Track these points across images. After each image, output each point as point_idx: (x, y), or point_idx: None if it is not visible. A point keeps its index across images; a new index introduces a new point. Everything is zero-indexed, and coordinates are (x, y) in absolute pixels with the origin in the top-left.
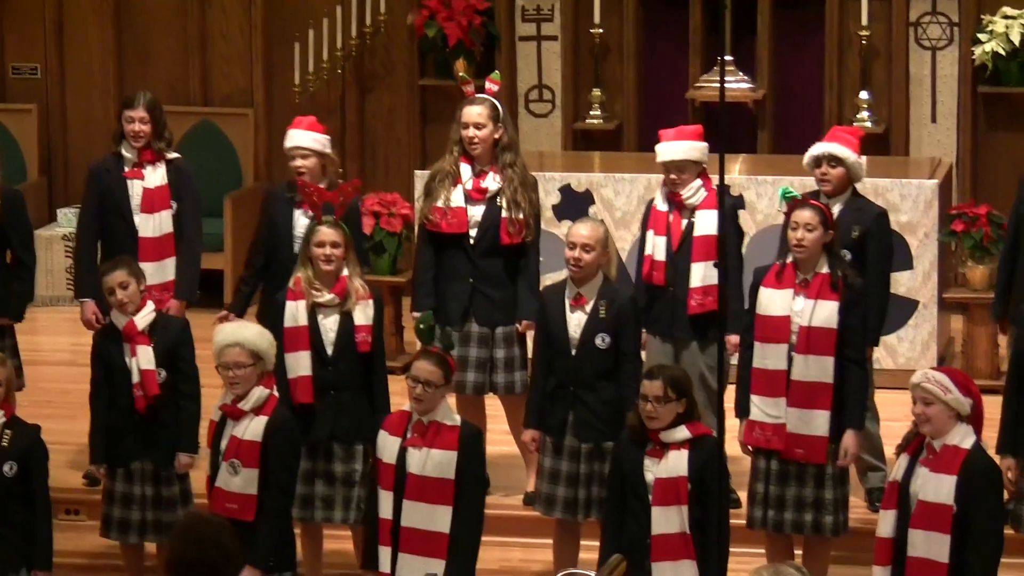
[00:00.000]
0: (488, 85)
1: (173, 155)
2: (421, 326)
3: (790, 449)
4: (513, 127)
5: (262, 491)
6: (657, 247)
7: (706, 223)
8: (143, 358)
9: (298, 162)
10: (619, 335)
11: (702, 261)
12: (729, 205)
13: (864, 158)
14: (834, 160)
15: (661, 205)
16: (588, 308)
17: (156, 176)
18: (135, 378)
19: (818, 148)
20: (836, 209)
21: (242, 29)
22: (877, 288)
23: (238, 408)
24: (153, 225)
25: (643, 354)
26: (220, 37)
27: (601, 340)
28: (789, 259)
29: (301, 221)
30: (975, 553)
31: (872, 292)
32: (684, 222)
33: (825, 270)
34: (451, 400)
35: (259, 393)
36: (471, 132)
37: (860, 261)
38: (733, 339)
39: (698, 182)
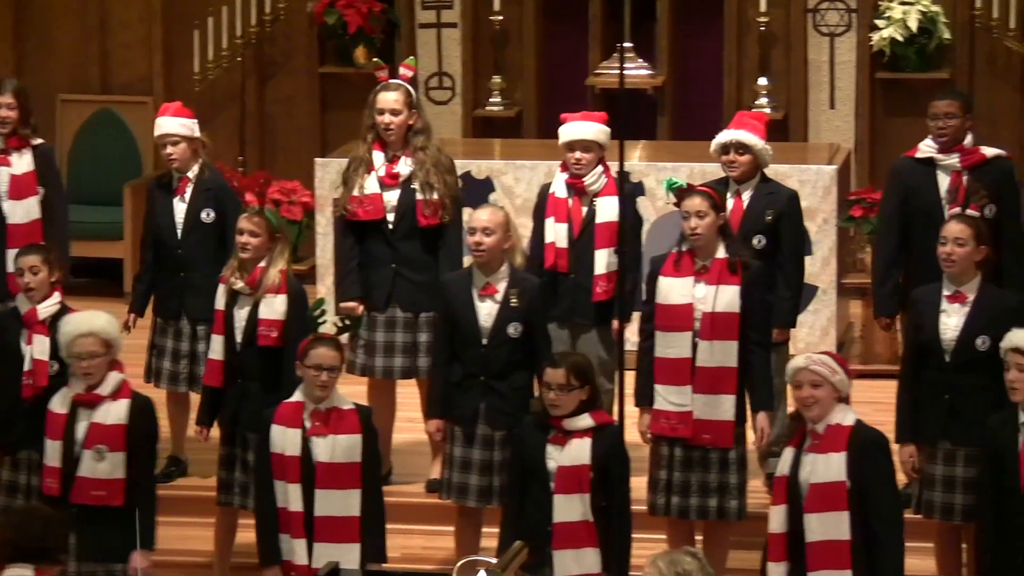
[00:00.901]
0: (402, 71)
1: (38, 141)
2: (314, 313)
3: (698, 435)
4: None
5: (131, 473)
6: (558, 234)
7: (607, 210)
8: (38, 347)
9: (168, 149)
10: (531, 323)
11: (605, 248)
12: (628, 192)
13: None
14: (741, 147)
15: (560, 192)
16: (499, 297)
17: (23, 162)
18: (27, 366)
19: (725, 135)
20: (747, 195)
21: (141, 17)
22: (793, 269)
23: (96, 395)
24: (21, 212)
25: None
26: (120, 25)
27: (514, 329)
28: (685, 247)
29: (179, 207)
30: (881, 521)
31: (788, 273)
32: (585, 209)
33: (722, 254)
34: (349, 386)
35: (115, 377)
36: (386, 118)
37: (775, 244)
38: (616, 324)
39: (599, 168)
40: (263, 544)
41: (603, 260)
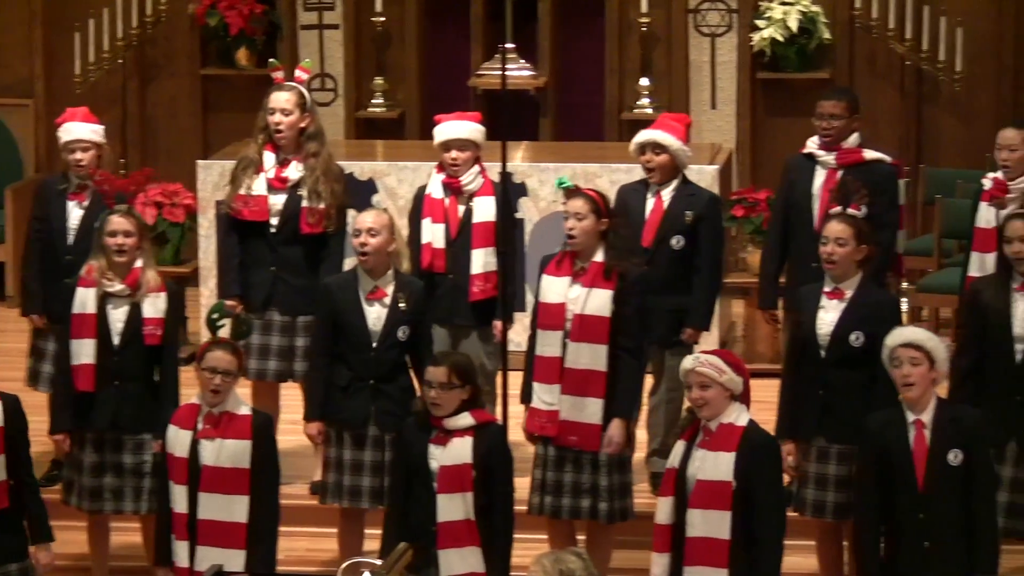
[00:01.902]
0: (298, 73)
1: None
2: (213, 316)
3: (563, 436)
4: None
5: (13, 473)
6: (436, 235)
7: (484, 210)
8: None
9: (79, 155)
10: (417, 325)
11: (482, 248)
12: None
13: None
14: (657, 147)
15: (437, 192)
16: (387, 301)
17: None
18: None
19: (642, 135)
20: (667, 196)
21: (21, 19)
22: (710, 272)
23: None
24: None
25: None
26: (0, 27)
27: (403, 332)
28: (569, 247)
29: (75, 212)
30: (763, 526)
31: (704, 276)
32: (462, 209)
33: (600, 258)
34: (243, 388)
35: None
36: (277, 118)
37: (693, 246)
38: (499, 325)
39: (476, 168)
40: (157, 544)
41: (480, 260)
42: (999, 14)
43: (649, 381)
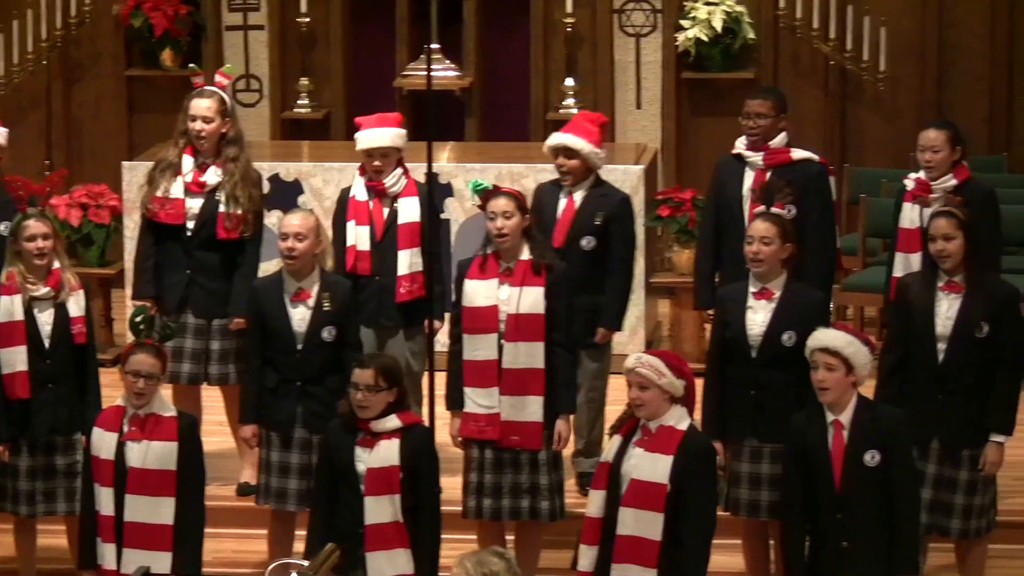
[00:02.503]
0: (218, 78)
1: None
2: (136, 319)
3: (506, 437)
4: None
5: None
6: (360, 237)
7: (409, 210)
8: None
9: None
10: (343, 326)
11: (408, 248)
12: (428, 192)
13: (602, 150)
14: (569, 151)
15: (360, 195)
16: (311, 302)
17: None
18: None
19: (553, 139)
20: (578, 196)
21: None
22: (620, 273)
23: None
24: None
25: None
26: None
27: (328, 333)
28: (490, 249)
29: None
30: (690, 532)
31: (616, 276)
32: (386, 210)
33: (526, 256)
34: (165, 391)
35: None
36: (199, 125)
37: (604, 247)
38: (436, 325)
39: (399, 170)
40: (81, 547)
41: (406, 261)
42: (922, 13)
43: None
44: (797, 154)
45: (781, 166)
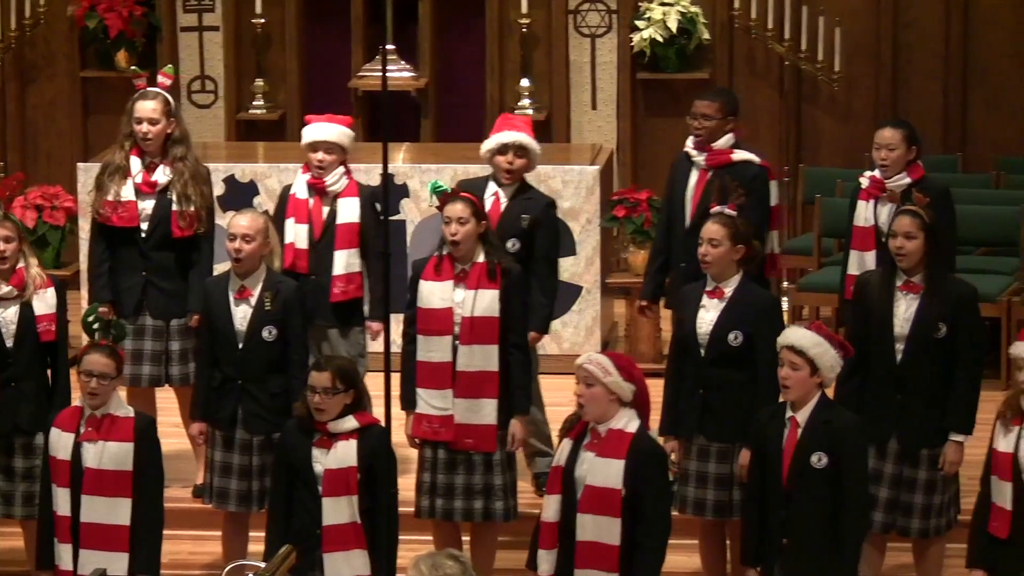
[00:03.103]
0: (160, 79)
1: None
2: (89, 319)
3: (459, 440)
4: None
5: None
6: (299, 235)
7: (348, 211)
8: None
9: None
10: (286, 326)
11: (345, 249)
12: (369, 194)
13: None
14: (522, 150)
15: (301, 193)
16: (253, 301)
17: None
18: None
19: (507, 136)
20: (505, 199)
21: None
22: (546, 276)
23: None
24: None
25: None
26: None
27: (268, 332)
28: (446, 251)
29: None
30: (646, 535)
31: (542, 279)
32: (326, 210)
33: (482, 259)
34: (121, 392)
35: None
36: (144, 128)
37: (529, 249)
38: (374, 326)
39: (341, 169)
40: (39, 547)
41: (342, 261)
42: (877, 13)
43: None
44: (738, 155)
45: (721, 167)
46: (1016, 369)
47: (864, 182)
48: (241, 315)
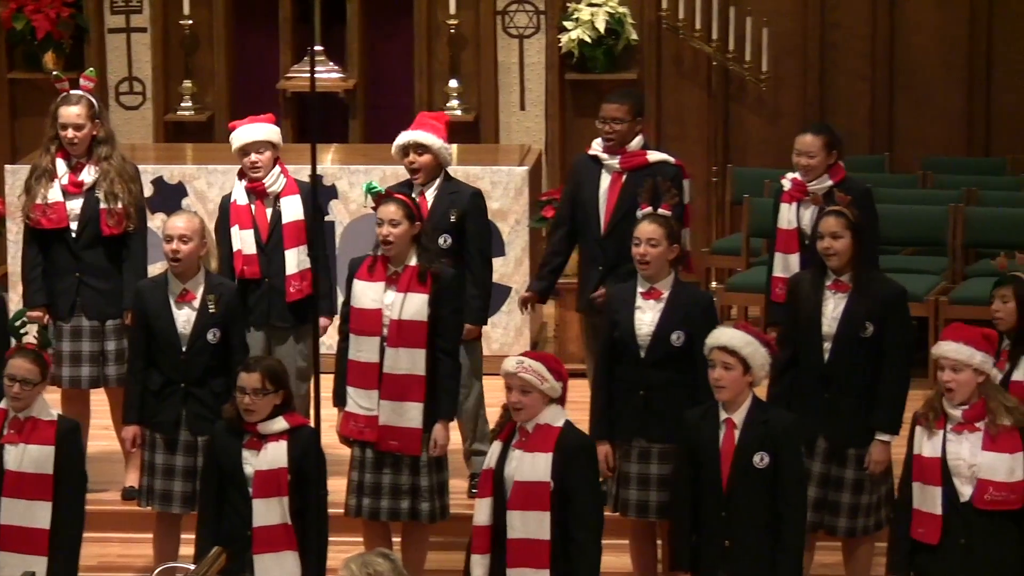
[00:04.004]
0: (83, 82)
1: None
2: (16, 323)
3: (384, 441)
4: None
5: None
6: (245, 241)
7: (291, 209)
8: None
9: None
10: (229, 328)
11: (294, 247)
12: (308, 191)
13: (453, 146)
14: (420, 147)
15: (242, 199)
16: (196, 304)
17: None
18: None
19: (403, 137)
20: (430, 195)
21: None
22: (480, 267)
23: None
24: None
25: None
26: None
27: (212, 335)
28: (380, 252)
29: None
30: (580, 524)
31: (476, 271)
32: (269, 211)
33: (414, 262)
34: (52, 395)
35: None
36: (70, 133)
37: (460, 243)
38: (324, 322)
39: (277, 169)
40: None
41: (294, 259)
42: (804, 14)
43: None
44: (653, 156)
45: (638, 169)
46: (939, 369)
47: (786, 185)
48: (184, 318)
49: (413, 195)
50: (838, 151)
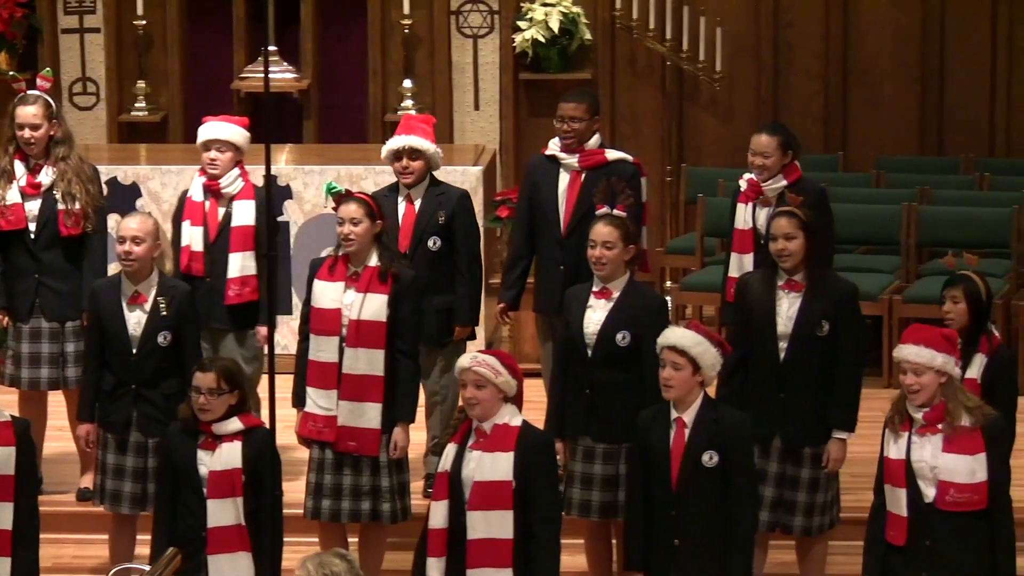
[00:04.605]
0: (40, 82)
1: None
2: None
3: (342, 442)
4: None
5: None
6: (194, 238)
7: (243, 213)
8: None
9: None
10: (181, 330)
11: (240, 251)
12: (264, 197)
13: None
14: (415, 152)
15: (197, 195)
16: (147, 306)
17: None
18: None
19: (397, 141)
20: (418, 199)
21: None
22: (469, 268)
23: None
24: None
25: None
26: None
27: (163, 338)
28: (341, 252)
29: None
30: (541, 521)
31: (465, 273)
32: (221, 211)
33: (375, 262)
34: (8, 396)
35: None
36: (27, 133)
37: (450, 245)
38: (262, 330)
39: (236, 171)
40: None
41: (237, 264)
42: (758, 14)
43: None
44: (612, 155)
45: (597, 167)
46: (900, 372)
47: (743, 184)
48: (135, 320)
49: (400, 199)
50: (794, 151)
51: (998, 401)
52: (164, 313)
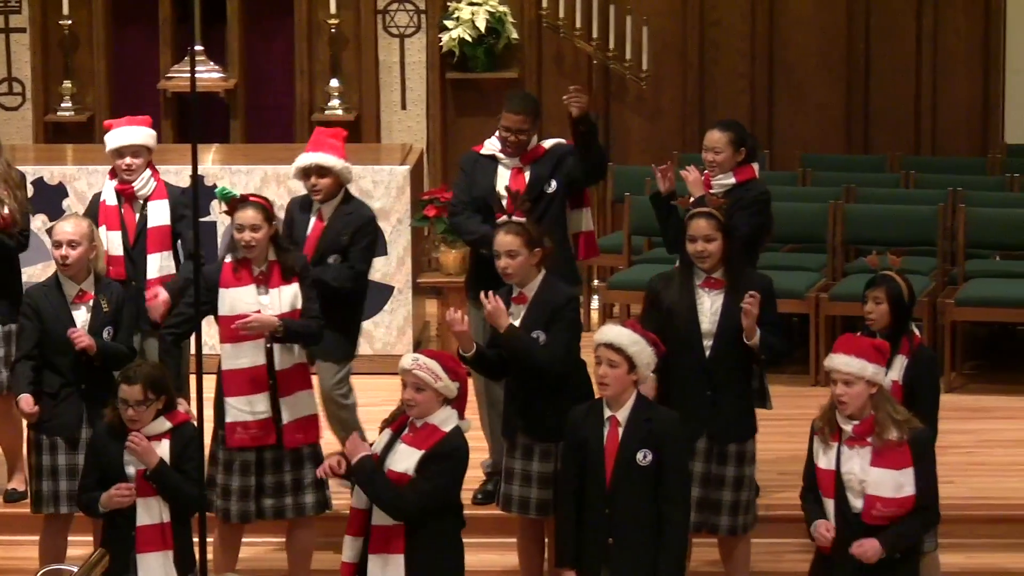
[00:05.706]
0: None
1: None
2: None
3: (291, 437)
4: None
5: None
6: (112, 242)
7: (158, 214)
8: None
9: None
10: (118, 326)
11: (158, 252)
12: (177, 196)
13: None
14: (322, 170)
15: (111, 200)
16: (91, 304)
17: None
18: None
19: (304, 159)
20: (327, 215)
21: None
22: (341, 270)
23: None
24: None
25: None
26: None
27: (107, 333)
28: (240, 256)
29: None
30: (418, 511)
31: (336, 271)
32: (137, 214)
33: (273, 257)
34: None
35: None
36: None
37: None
38: (162, 293)
39: (148, 172)
40: None
41: (156, 265)
42: (683, 13)
43: None
44: (548, 143)
45: (538, 158)
46: (832, 383)
47: (688, 175)
48: (82, 319)
49: (312, 214)
50: (747, 149)
51: (920, 402)
52: (106, 309)
